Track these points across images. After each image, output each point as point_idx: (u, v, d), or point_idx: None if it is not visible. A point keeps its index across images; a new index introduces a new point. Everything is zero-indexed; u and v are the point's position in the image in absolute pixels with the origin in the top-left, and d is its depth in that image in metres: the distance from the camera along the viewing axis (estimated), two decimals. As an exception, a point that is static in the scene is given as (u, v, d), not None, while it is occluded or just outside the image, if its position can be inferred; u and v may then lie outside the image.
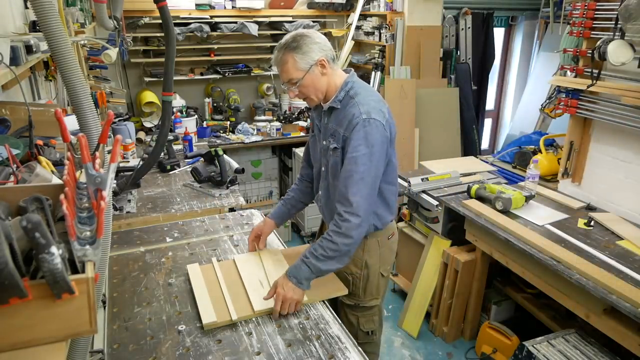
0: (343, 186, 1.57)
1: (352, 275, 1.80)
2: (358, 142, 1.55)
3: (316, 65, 1.58)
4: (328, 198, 1.79)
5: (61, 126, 0.81)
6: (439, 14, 4.17)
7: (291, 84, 1.60)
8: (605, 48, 2.35)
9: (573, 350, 2.14)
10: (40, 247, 0.60)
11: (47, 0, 0.92)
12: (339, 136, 1.63)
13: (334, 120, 1.67)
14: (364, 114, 1.56)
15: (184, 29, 3.91)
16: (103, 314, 1.47)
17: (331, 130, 1.68)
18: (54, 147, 1.58)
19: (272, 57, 1.64)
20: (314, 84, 1.60)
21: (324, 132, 1.73)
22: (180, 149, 3.37)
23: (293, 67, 1.57)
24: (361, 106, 1.58)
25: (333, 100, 1.66)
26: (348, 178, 1.56)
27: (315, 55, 1.57)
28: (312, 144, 1.87)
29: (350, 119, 1.58)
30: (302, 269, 1.55)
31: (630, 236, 2.27)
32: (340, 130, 1.62)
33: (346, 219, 1.55)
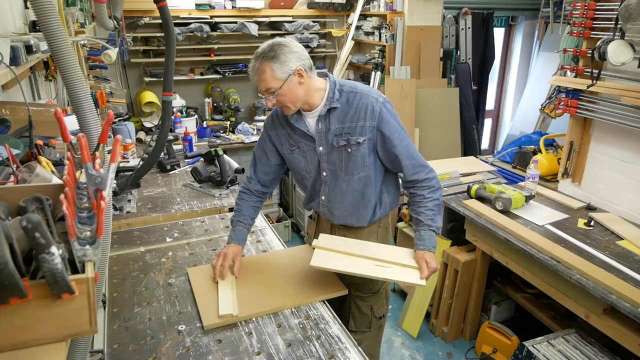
0: (410, 159, 1.69)
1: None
2: (391, 122, 1.66)
3: (294, 74, 1.57)
4: (338, 196, 1.77)
5: (61, 126, 0.81)
6: (439, 14, 4.17)
7: (269, 93, 1.59)
8: (605, 48, 2.35)
9: (573, 350, 2.14)
10: (40, 247, 0.60)
11: (47, 0, 0.92)
12: (362, 129, 1.65)
13: (337, 119, 1.67)
14: (379, 98, 1.66)
15: (184, 29, 3.91)
16: (103, 314, 1.47)
17: (336, 131, 1.67)
18: (54, 147, 1.58)
19: (249, 66, 1.63)
20: (292, 92, 1.60)
21: (322, 138, 1.70)
22: (180, 149, 3.37)
23: (271, 76, 1.56)
24: (370, 94, 1.67)
25: (329, 102, 1.65)
26: (409, 150, 1.69)
27: (293, 64, 1.57)
28: (296, 157, 1.79)
29: (370, 108, 1.64)
30: (433, 237, 1.70)
31: (630, 236, 2.27)
32: (361, 123, 1.65)
33: (432, 177, 1.74)
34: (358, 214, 1.79)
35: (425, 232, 1.69)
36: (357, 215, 1.79)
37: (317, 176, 1.79)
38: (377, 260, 1.57)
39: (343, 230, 1.85)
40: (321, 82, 1.68)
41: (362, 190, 1.75)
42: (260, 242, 2.00)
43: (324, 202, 1.81)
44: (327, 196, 1.80)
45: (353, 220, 1.80)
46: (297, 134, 1.74)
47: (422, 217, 1.71)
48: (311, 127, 1.72)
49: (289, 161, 1.82)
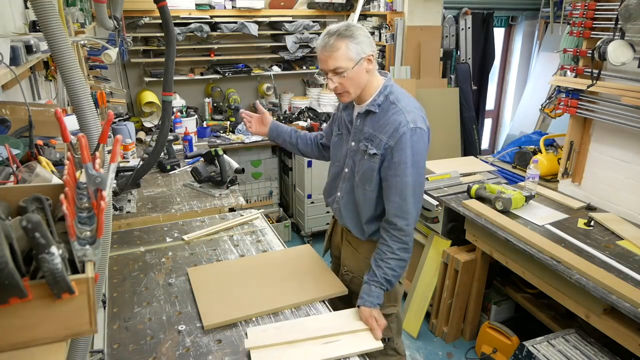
0: (399, 198, 1.56)
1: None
2: (406, 152, 1.53)
3: (365, 59, 1.52)
4: (350, 201, 1.75)
5: (61, 126, 0.81)
6: (439, 14, 4.18)
7: (335, 74, 1.52)
8: (605, 48, 2.35)
9: (573, 350, 2.14)
10: (40, 247, 0.60)
11: (47, 0, 0.92)
12: (379, 143, 1.57)
13: (370, 124, 1.62)
14: (410, 123, 1.53)
15: (184, 29, 3.91)
16: (103, 314, 1.47)
17: (366, 134, 1.62)
18: (54, 147, 1.58)
19: (318, 42, 1.53)
20: (358, 78, 1.54)
21: (356, 135, 1.67)
22: (180, 149, 3.37)
23: (344, 55, 1.49)
24: (407, 114, 1.55)
25: (371, 104, 1.60)
26: (403, 189, 1.56)
27: (367, 48, 1.51)
28: (337, 142, 1.80)
29: (396, 127, 1.54)
30: (382, 295, 1.59)
31: (630, 236, 2.27)
32: (381, 137, 1.57)
33: (408, 233, 1.58)
34: (358, 224, 1.75)
35: (377, 288, 1.58)
36: (358, 225, 1.75)
37: (340, 169, 1.77)
38: (323, 338, 1.38)
39: (349, 236, 1.83)
40: (379, 80, 1.62)
41: (363, 204, 1.69)
42: (260, 242, 2.00)
43: (339, 198, 1.79)
44: (342, 193, 1.77)
45: (353, 228, 1.77)
46: (347, 121, 1.72)
47: (379, 272, 1.58)
48: (353, 119, 1.70)
49: (332, 143, 1.83)
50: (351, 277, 1.82)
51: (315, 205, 4.03)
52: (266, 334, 1.37)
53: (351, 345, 1.36)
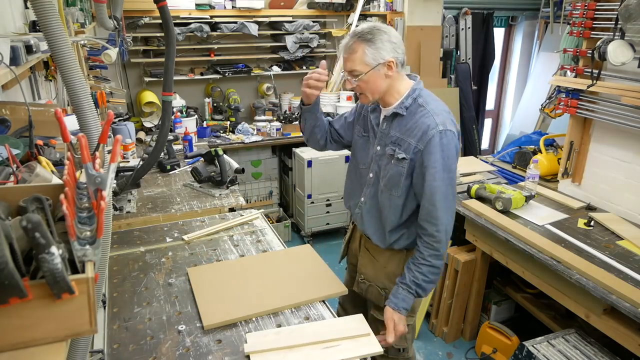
0: (428, 203, 1.54)
1: (385, 290, 1.75)
2: (435, 155, 1.50)
3: (384, 64, 1.50)
4: (373, 207, 1.71)
5: (61, 126, 0.81)
6: (439, 14, 4.18)
7: (352, 76, 1.53)
8: (605, 48, 2.35)
9: (573, 350, 2.14)
10: (40, 247, 0.60)
11: (47, 0, 0.92)
12: (408, 147, 1.54)
13: (397, 127, 1.59)
14: (439, 125, 1.50)
15: (184, 29, 3.91)
16: (103, 314, 1.47)
17: (393, 138, 1.59)
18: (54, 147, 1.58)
19: (342, 42, 1.55)
20: (375, 83, 1.53)
21: (381, 139, 1.64)
22: (180, 149, 3.37)
23: (360, 59, 1.49)
24: (435, 116, 1.52)
25: (398, 106, 1.58)
26: (433, 195, 1.52)
27: (387, 54, 1.49)
28: (362, 145, 1.75)
29: (424, 130, 1.51)
30: (410, 300, 1.59)
31: (630, 236, 2.27)
32: (410, 141, 1.54)
33: (439, 239, 1.56)
34: (380, 231, 1.71)
35: (405, 292, 1.59)
36: (379, 232, 1.71)
37: (366, 173, 1.73)
38: (323, 342, 1.36)
39: (368, 244, 1.80)
40: (406, 83, 1.60)
41: (388, 210, 1.65)
42: (260, 242, 2.00)
43: (362, 203, 1.75)
44: (366, 199, 1.73)
45: (373, 235, 1.73)
46: (373, 124, 1.69)
47: (409, 275, 1.59)
48: (380, 123, 1.67)
49: (355, 144, 1.79)
50: (367, 285, 1.80)
51: (315, 205, 4.03)
52: (266, 339, 1.36)
53: (351, 350, 1.35)
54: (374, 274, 1.78)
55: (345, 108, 4.50)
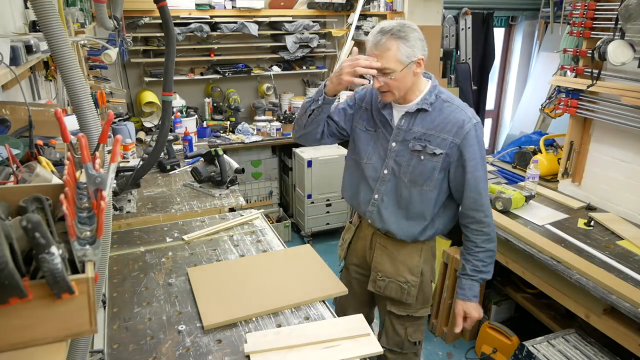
0: (475, 192, 1.61)
1: (408, 284, 1.76)
2: (475, 148, 1.57)
3: (415, 62, 1.50)
4: (393, 203, 1.70)
5: (61, 126, 0.81)
6: (439, 14, 4.17)
7: (383, 74, 1.50)
8: (605, 48, 2.35)
9: (573, 350, 2.14)
10: (40, 247, 0.60)
11: (47, 0, 0.92)
12: (442, 142, 1.58)
13: (421, 124, 1.60)
14: (473, 119, 1.57)
15: (184, 29, 3.91)
16: (103, 314, 1.47)
17: (417, 134, 1.61)
18: (54, 147, 1.58)
19: (370, 38, 1.50)
20: (404, 80, 1.52)
21: (398, 135, 1.64)
22: (180, 149, 3.37)
23: (394, 56, 1.47)
24: (467, 110, 1.58)
25: (422, 103, 1.59)
26: (478, 184, 1.60)
27: (419, 52, 1.49)
28: (367, 139, 1.73)
29: (460, 125, 1.56)
30: (475, 287, 1.71)
31: (630, 236, 2.28)
32: (444, 136, 1.57)
33: (488, 224, 1.67)
34: (406, 226, 1.71)
35: (467, 281, 1.70)
36: (405, 227, 1.72)
37: (375, 169, 1.72)
38: (323, 342, 1.36)
39: (384, 240, 1.79)
40: (424, 81, 1.63)
41: (420, 204, 1.67)
42: (260, 242, 2.00)
43: (376, 200, 1.73)
44: (381, 196, 1.72)
45: (399, 230, 1.72)
46: (382, 120, 1.69)
47: (468, 265, 1.71)
48: (394, 119, 1.66)
49: (357, 138, 1.75)
50: (387, 282, 1.79)
51: (315, 205, 4.03)
52: (266, 339, 1.36)
53: (351, 350, 1.35)
54: (394, 270, 1.78)
55: (345, 108, 4.49)
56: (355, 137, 1.77)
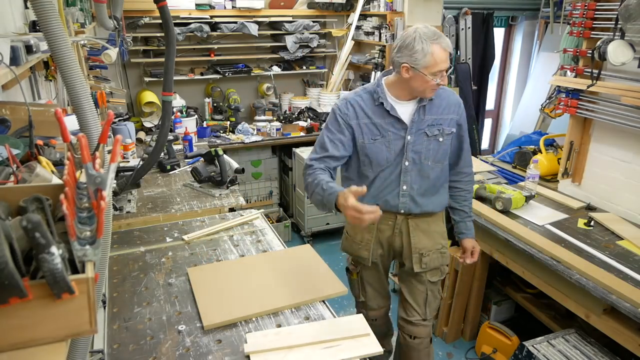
0: (467, 154, 2.00)
1: (444, 248, 2.01)
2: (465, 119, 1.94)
3: None
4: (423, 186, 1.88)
5: (61, 126, 0.81)
6: (439, 14, 4.17)
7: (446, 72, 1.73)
8: (605, 48, 2.35)
9: (573, 350, 2.14)
10: (40, 247, 0.60)
11: (47, 0, 0.92)
12: (450, 121, 1.87)
13: (431, 111, 1.83)
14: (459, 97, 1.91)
15: (184, 29, 3.91)
16: (103, 314, 1.47)
17: (429, 121, 1.83)
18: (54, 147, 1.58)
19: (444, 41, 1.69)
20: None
21: (413, 127, 1.81)
22: (180, 149, 3.37)
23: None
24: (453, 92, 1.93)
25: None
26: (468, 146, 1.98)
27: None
28: (378, 147, 1.81)
29: (457, 103, 1.89)
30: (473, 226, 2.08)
31: (630, 236, 2.27)
32: (451, 116, 1.87)
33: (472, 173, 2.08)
34: (439, 199, 1.95)
35: (469, 223, 2.06)
36: (438, 200, 1.94)
37: (395, 166, 1.85)
38: (323, 342, 1.37)
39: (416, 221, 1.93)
40: None
41: (441, 177, 1.92)
42: (260, 242, 2.00)
43: (406, 191, 1.87)
44: (410, 185, 1.86)
45: (434, 205, 1.93)
46: (387, 122, 1.82)
47: (466, 209, 2.04)
48: (404, 115, 1.81)
49: (369, 152, 1.83)
50: (430, 255, 1.97)
51: (314, 206, 4.02)
52: (266, 339, 1.36)
53: (351, 350, 1.35)
54: (431, 242, 1.97)
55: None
56: (366, 151, 1.83)
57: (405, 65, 1.70)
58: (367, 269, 2.08)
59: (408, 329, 2.08)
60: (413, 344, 2.09)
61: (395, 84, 1.81)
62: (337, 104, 1.87)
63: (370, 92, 1.85)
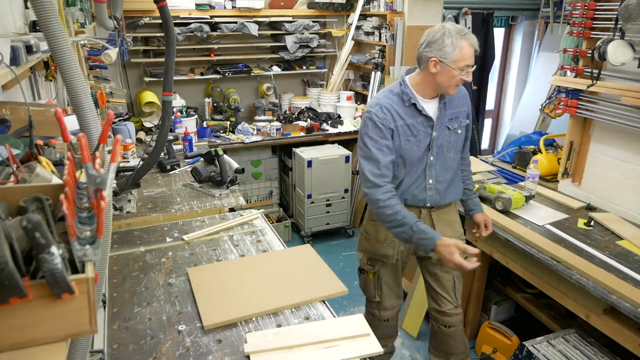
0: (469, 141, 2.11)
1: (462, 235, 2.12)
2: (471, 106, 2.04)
3: None
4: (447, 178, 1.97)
5: (61, 126, 0.81)
6: (439, 14, 4.17)
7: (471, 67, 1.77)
8: (605, 48, 2.35)
9: (573, 350, 2.14)
10: (40, 247, 0.60)
11: (47, 0, 0.92)
12: (464, 113, 1.97)
13: (449, 105, 1.91)
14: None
15: (184, 29, 3.91)
16: (103, 314, 1.47)
17: (449, 115, 1.91)
18: (54, 147, 1.58)
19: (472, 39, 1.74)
20: None
21: (441, 121, 1.90)
22: (180, 149, 3.37)
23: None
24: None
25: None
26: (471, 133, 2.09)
27: None
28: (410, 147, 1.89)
29: (465, 94, 1.97)
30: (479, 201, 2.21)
31: (630, 236, 2.27)
32: (464, 109, 1.97)
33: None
34: (458, 188, 2.05)
35: (476, 198, 2.19)
36: (458, 189, 2.05)
37: (421, 163, 1.92)
38: (323, 342, 1.36)
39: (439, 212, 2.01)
40: None
41: (458, 165, 2.03)
42: (260, 242, 2.00)
43: (432, 185, 1.94)
44: (435, 178, 1.94)
45: (455, 195, 2.03)
46: (418, 122, 1.88)
47: (470, 187, 2.16)
48: (431, 113, 1.89)
49: (404, 152, 1.89)
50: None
51: (315, 205, 4.03)
52: (266, 339, 1.36)
53: (351, 350, 1.35)
54: (453, 231, 2.06)
55: (345, 108, 4.50)
56: (401, 153, 1.89)
57: (434, 60, 1.75)
58: (386, 267, 2.12)
59: (443, 320, 2.16)
60: (449, 332, 2.16)
61: (420, 82, 1.86)
62: (371, 111, 1.86)
63: (398, 93, 1.88)
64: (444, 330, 2.17)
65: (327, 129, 4.21)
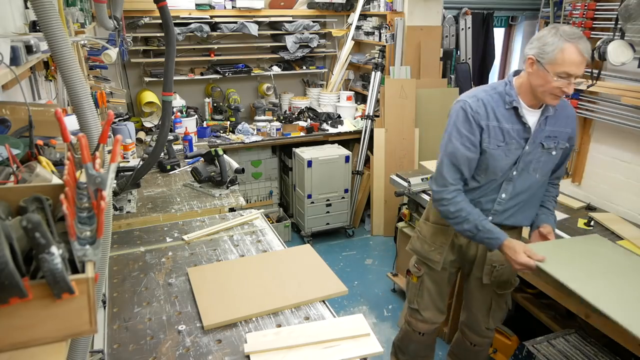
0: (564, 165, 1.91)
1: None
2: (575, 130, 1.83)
3: None
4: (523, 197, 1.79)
5: (61, 126, 0.81)
6: (439, 14, 4.17)
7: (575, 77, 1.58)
8: (605, 48, 2.35)
9: (573, 350, 2.14)
10: (40, 247, 0.60)
11: (47, 0, 0.92)
12: (565, 135, 1.76)
13: (549, 122, 1.72)
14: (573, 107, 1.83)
15: (184, 29, 3.91)
16: (103, 314, 1.47)
17: (547, 132, 1.72)
18: (54, 147, 1.58)
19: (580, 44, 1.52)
20: None
21: (535, 136, 1.71)
22: (180, 149, 3.37)
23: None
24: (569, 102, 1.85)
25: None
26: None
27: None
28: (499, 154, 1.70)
29: (573, 117, 1.79)
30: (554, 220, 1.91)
31: (630, 236, 2.27)
32: (567, 130, 1.75)
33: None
34: (530, 213, 1.86)
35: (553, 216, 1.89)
36: (530, 214, 1.86)
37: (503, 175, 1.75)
38: (323, 343, 1.36)
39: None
40: None
41: (540, 190, 1.84)
42: (260, 242, 2.00)
43: (503, 199, 1.78)
44: (509, 194, 1.77)
45: (524, 219, 1.85)
46: (514, 129, 1.69)
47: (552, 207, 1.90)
48: (531, 124, 1.71)
49: (489, 158, 1.70)
50: (502, 269, 1.91)
51: (315, 205, 4.03)
52: (266, 339, 1.36)
53: (351, 350, 1.35)
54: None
55: (346, 108, 4.50)
56: (488, 157, 1.71)
57: (531, 58, 1.58)
58: (431, 275, 2.02)
59: (469, 337, 2.10)
60: (472, 349, 2.11)
61: (521, 85, 1.69)
62: (467, 101, 1.69)
63: (501, 93, 1.69)
64: (467, 345, 2.12)
65: (327, 129, 4.21)
